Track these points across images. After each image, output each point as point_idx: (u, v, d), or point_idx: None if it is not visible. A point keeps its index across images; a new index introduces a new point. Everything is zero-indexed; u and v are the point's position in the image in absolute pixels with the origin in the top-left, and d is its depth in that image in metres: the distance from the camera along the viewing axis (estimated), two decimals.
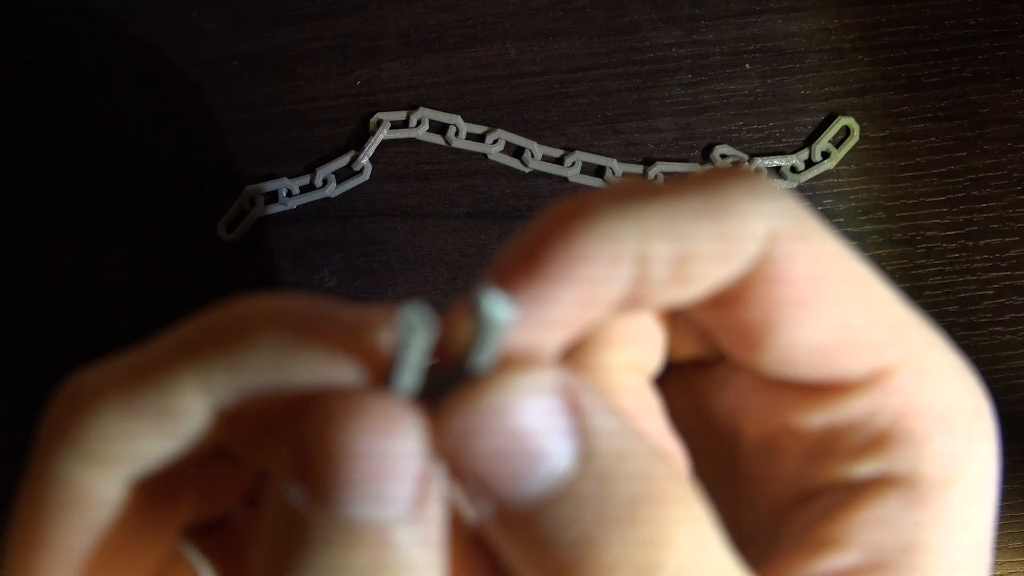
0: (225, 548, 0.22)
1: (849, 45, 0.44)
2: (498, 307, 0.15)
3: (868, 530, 0.20)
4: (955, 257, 0.43)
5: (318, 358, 0.17)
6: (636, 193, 0.18)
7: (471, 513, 0.17)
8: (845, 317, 0.19)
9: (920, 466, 0.20)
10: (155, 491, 0.19)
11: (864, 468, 0.20)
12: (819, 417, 0.21)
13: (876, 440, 0.20)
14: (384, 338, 0.17)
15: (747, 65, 0.44)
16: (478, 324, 0.16)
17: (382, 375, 0.17)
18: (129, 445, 0.17)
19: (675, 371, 0.25)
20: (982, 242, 0.43)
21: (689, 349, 0.24)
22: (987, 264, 0.43)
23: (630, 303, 0.19)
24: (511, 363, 0.17)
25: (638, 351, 0.22)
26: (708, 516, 0.17)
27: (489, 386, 0.16)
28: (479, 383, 0.16)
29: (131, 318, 0.43)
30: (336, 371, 0.17)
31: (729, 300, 0.19)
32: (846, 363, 0.20)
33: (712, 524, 0.17)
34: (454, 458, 0.16)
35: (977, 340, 0.42)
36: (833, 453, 0.21)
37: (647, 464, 0.17)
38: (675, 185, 0.19)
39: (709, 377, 0.24)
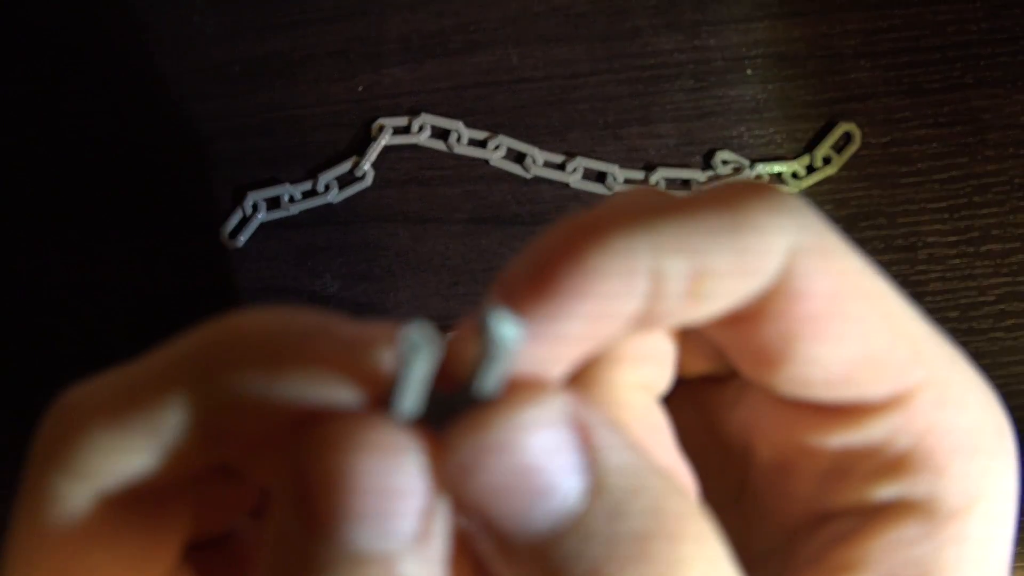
0: (231, 562, 0.22)
1: (850, 51, 0.44)
2: (506, 327, 0.15)
3: (885, 555, 0.19)
4: (956, 263, 0.43)
5: (311, 378, 0.16)
6: (650, 206, 0.18)
7: (476, 542, 0.17)
8: (867, 336, 0.19)
9: (940, 491, 0.19)
10: (149, 507, 0.18)
11: (882, 492, 0.20)
12: (836, 439, 0.20)
13: (895, 463, 0.20)
14: (385, 358, 0.16)
15: (749, 71, 0.44)
16: (485, 345, 0.15)
17: (382, 397, 0.16)
18: (116, 462, 0.17)
19: (685, 386, 0.25)
20: (983, 248, 0.43)
21: (700, 365, 0.24)
22: (988, 270, 0.43)
23: (644, 320, 0.18)
24: (518, 388, 0.16)
25: (648, 370, 0.21)
26: (723, 551, 0.16)
27: (494, 417, 0.15)
28: (484, 412, 0.15)
29: (132, 323, 0.43)
30: (330, 392, 0.16)
31: (746, 317, 0.19)
32: (867, 384, 0.19)
33: (727, 559, 0.16)
34: (457, 491, 0.15)
35: (978, 346, 0.42)
36: (850, 476, 0.20)
37: (661, 499, 0.16)
38: (692, 198, 0.18)
39: (721, 393, 0.24)
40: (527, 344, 0.16)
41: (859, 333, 0.18)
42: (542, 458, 0.15)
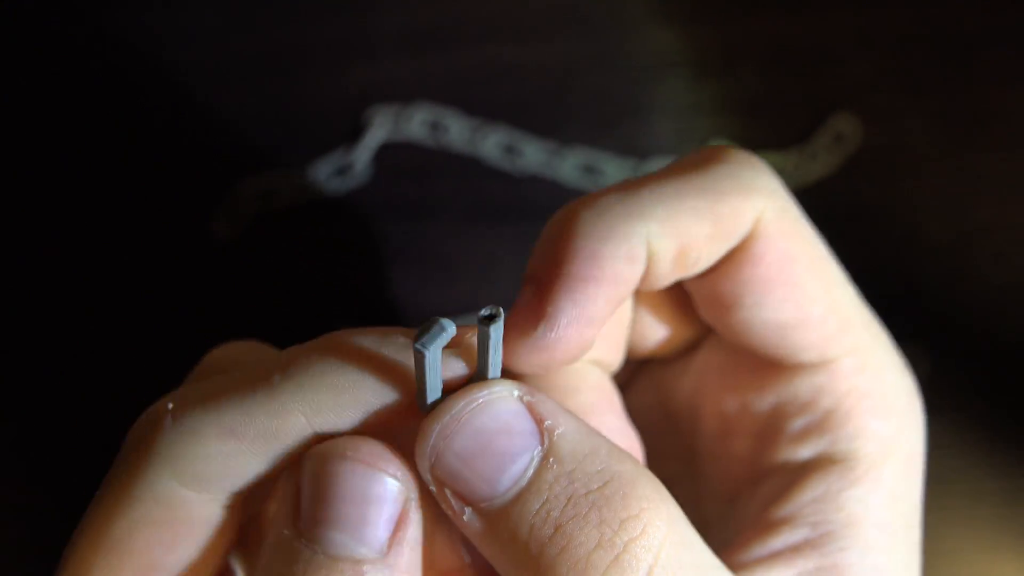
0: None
1: (848, 46, 0.44)
2: (493, 327, 0.17)
3: (813, 507, 0.22)
4: (952, 258, 0.42)
5: (384, 390, 0.19)
6: (637, 185, 0.21)
7: (455, 523, 0.19)
8: (805, 303, 0.22)
9: (858, 447, 0.22)
10: (243, 513, 0.21)
11: (807, 449, 0.23)
12: (769, 396, 0.24)
13: (819, 423, 0.23)
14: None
15: (745, 65, 0.44)
16: (480, 343, 0.18)
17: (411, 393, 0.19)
18: (232, 466, 0.19)
19: (641, 371, 0.28)
20: (979, 243, 0.43)
21: (650, 344, 0.27)
22: (986, 266, 0.42)
23: (642, 285, 0.21)
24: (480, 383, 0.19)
25: (601, 350, 0.24)
26: (676, 507, 0.19)
27: (455, 400, 0.18)
28: (449, 398, 0.18)
29: (124, 315, 0.42)
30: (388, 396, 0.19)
31: (709, 270, 0.22)
32: (799, 344, 0.22)
33: (680, 515, 0.19)
34: (435, 463, 0.18)
35: (974, 342, 0.42)
36: (780, 435, 0.23)
37: (611, 461, 0.18)
38: (670, 168, 0.22)
39: (671, 370, 0.27)
40: (569, 326, 0.19)
41: (799, 299, 0.22)
42: (500, 422, 0.18)
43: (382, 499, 0.18)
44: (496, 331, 0.17)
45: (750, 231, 0.22)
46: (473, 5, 0.44)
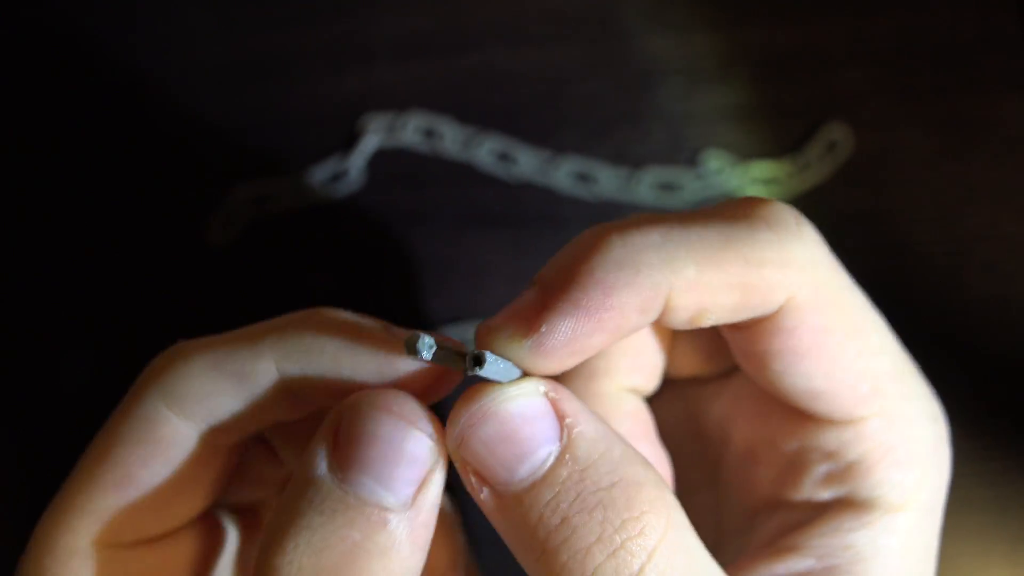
0: (250, 527, 0.26)
1: (841, 54, 0.44)
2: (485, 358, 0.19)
3: (823, 541, 0.23)
4: (944, 267, 0.43)
5: (369, 353, 0.21)
6: (674, 228, 0.20)
7: (475, 496, 0.21)
8: (835, 375, 0.22)
9: (878, 494, 0.23)
10: (217, 449, 0.22)
11: (827, 492, 0.23)
12: (795, 441, 0.24)
13: (841, 472, 0.23)
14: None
15: (738, 73, 0.44)
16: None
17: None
18: (210, 395, 0.21)
19: (674, 385, 0.29)
20: (971, 253, 0.43)
21: (687, 369, 0.27)
22: (976, 275, 0.42)
23: (652, 324, 0.21)
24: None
25: (637, 378, 0.25)
26: (682, 516, 0.20)
27: (485, 391, 0.20)
28: (478, 388, 0.20)
29: (119, 321, 0.42)
30: (374, 364, 0.21)
31: (739, 325, 0.22)
32: (825, 408, 0.23)
33: (686, 523, 0.20)
34: (460, 444, 0.19)
35: (965, 352, 0.42)
36: (803, 475, 0.24)
37: (621, 465, 0.19)
38: (712, 222, 0.21)
39: (706, 390, 0.27)
40: (574, 346, 0.20)
41: (829, 370, 0.22)
42: (525, 415, 0.19)
43: (415, 456, 0.19)
44: (492, 368, 0.19)
45: (780, 304, 0.21)
46: (468, 13, 0.44)
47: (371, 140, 0.43)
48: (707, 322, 0.21)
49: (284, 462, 0.26)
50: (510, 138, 0.43)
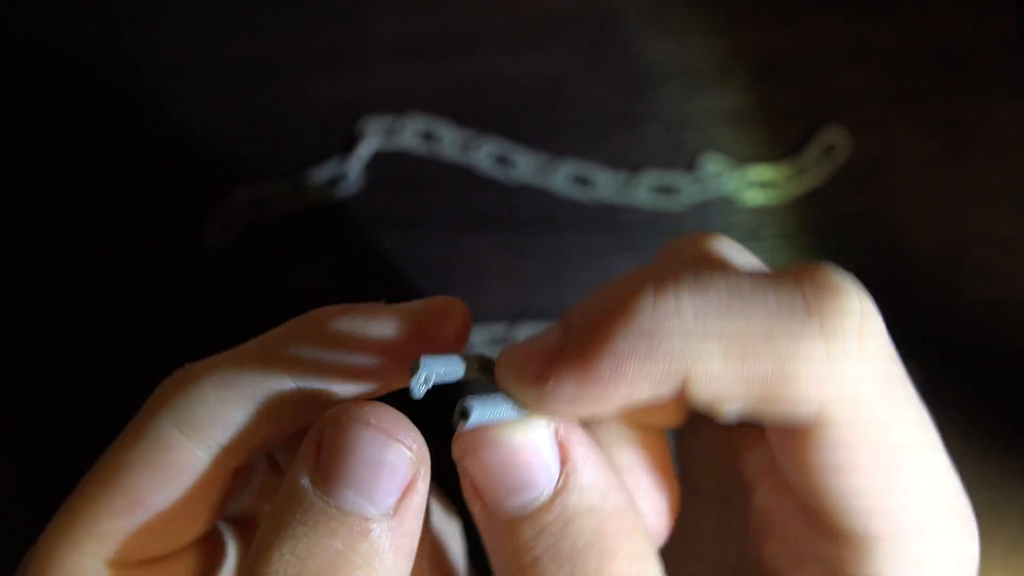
0: (250, 537, 0.26)
1: (839, 57, 0.44)
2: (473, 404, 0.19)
3: None
4: (942, 270, 0.43)
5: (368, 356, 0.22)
6: (706, 305, 0.19)
7: (471, 506, 0.21)
8: (862, 495, 0.20)
9: None
10: (227, 470, 0.22)
11: None
12: (814, 538, 0.22)
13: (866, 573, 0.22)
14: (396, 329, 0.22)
15: (736, 76, 0.44)
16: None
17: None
18: (224, 418, 0.21)
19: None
20: (969, 255, 0.43)
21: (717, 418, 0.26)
22: (974, 278, 0.43)
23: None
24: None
25: (657, 417, 0.24)
26: (656, 570, 0.20)
27: (500, 425, 0.20)
28: (496, 423, 0.20)
29: (118, 324, 0.42)
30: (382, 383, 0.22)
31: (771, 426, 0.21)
32: (853, 523, 0.21)
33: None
34: (465, 455, 0.20)
35: (962, 355, 0.42)
36: (822, 565, 0.22)
37: (607, 521, 0.20)
38: (755, 296, 0.19)
39: (741, 433, 0.26)
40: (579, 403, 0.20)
41: (857, 490, 0.20)
42: (526, 453, 0.20)
43: (395, 467, 0.19)
44: (481, 410, 0.20)
45: (812, 417, 0.19)
46: (466, 16, 0.44)
47: (370, 143, 0.43)
48: (727, 415, 0.19)
49: (285, 471, 0.26)
50: (508, 141, 0.43)
